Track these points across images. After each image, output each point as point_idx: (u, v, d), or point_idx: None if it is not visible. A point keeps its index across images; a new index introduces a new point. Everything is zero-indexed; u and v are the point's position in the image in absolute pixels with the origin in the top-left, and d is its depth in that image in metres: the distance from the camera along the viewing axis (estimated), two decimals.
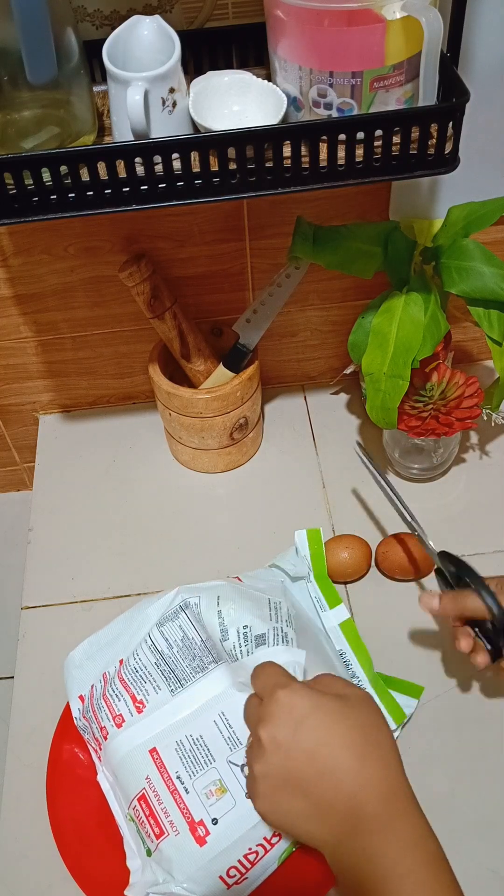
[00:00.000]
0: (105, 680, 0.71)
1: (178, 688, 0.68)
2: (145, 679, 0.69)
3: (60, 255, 0.87)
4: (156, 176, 0.61)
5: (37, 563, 0.91)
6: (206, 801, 0.63)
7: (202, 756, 0.65)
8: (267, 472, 0.98)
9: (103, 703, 0.69)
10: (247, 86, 0.65)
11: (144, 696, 0.69)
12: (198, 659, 0.69)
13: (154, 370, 0.89)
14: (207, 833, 0.62)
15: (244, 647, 0.71)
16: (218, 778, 0.64)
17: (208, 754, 0.65)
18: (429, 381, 0.81)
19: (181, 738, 0.66)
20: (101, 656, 0.73)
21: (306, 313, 0.98)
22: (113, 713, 0.69)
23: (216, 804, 0.62)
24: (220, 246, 0.88)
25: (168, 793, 0.64)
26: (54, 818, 0.69)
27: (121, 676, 0.70)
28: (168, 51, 0.60)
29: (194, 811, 0.63)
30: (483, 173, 0.79)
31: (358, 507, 0.93)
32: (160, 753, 0.65)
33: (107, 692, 0.70)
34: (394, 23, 0.57)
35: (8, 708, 0.79)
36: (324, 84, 0.61)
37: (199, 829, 0.62)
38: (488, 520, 0.90)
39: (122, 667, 0.71)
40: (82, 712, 0.71)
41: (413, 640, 0.81)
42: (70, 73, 0.62)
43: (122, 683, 0.70)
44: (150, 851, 0.63)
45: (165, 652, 0.70)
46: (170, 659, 0.70)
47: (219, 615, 0.72)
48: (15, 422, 1.09)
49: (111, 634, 0.74)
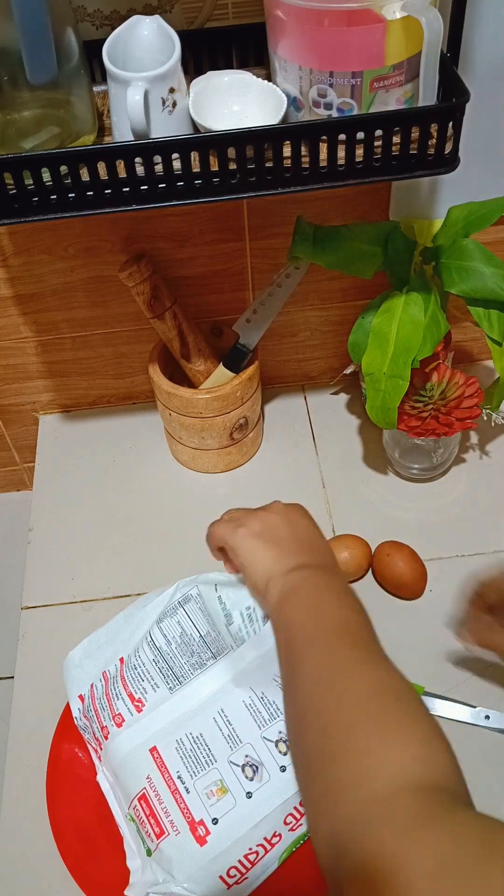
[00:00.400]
0: (106, 679, 0.71)
1: (177, 685, 0.68)
2: (143, 677, 0.69)
3: (60, 255, 0.87)
4: (156, 176, 0.61)
5: (37, 563, 0.91)
6: (206, 801, 0.63)
7: (203, 756, 0.65)
8: (267, 472, 0.98)
9: (106, 703, 0.69)
10: (247, 86, 0.65)
11: (143, 694, 0.69)
12: (196, 655, 0.69)
13: (154, 370, 0.89)
14: (208, 833, 0.62)
15: (251, 627, 0.70)
16: (219, 778, 0.64)
17: (209, 754, 0.65)
18: (429, 381, 0.81)
19: (181, 736, 0.66)
20: (101, 654, 0.73)
21: (306, 313, 0.98)
22: (113, 712, 0.68)
23: (217, 804, 0.63)
24: (220, 246, 0.88)
25: (169, 792, 0.64)
26: (54, 818, 0.69)
27: (122, 675, 0.70)
28: (168, 51, 0.60)
29: (195, 811, 0.63)
30: (483, 173, 0.79)
31: (358, 507, 0.93)
32: (160, 753, 0.65)
33: (109, 691, 0.70)
34: (394, 23, 0.57)
35: (8, 708, 0.79)
36: (324, 84, 0.61)
37: (199, 828, 0.62)
38: (488, 520, 0.90)
39: (124, 665, 0.71)
40: (82, 712, 0.71)
41: (413, 639, 0.81)
42: (70, 73, 0.62)
43: (122, 682, 0.70)
44: (151, 851, 0.63)
45: (164, 649, 0.70)
46: (168, 656, 0.70)
47: (220, 601, 0.72)
48: (15, 422, 1.09)
49: (110, 632, 0.74)
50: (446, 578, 0.85)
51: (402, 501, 0.93)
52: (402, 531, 0.87)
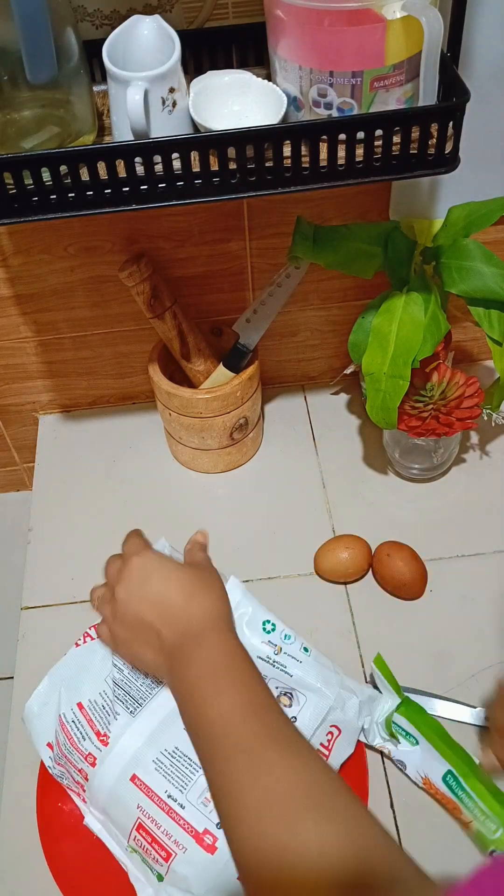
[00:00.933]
0: (62, 724, 0.70)
1: (137, 707, 0.68)
2: (105, 710, 0.69)
3: (60, 254, 0.87)
4: (156, 176, 0.61)
5: (37, 563, 0.91)
6: (204, 808, 0.63)
7: (185, 767, 0.64)
8: (267, 473, 0.98)
9: (71, 747, 0.68)
10: (247, 85, 0.65)
11: (105, 727, 0.68)
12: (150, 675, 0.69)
13: (154, 370, 0.89)
14: (215, 839, 0.61)
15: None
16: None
17: (191, 763, 0.64)
18: (429, 381, 0.81)
19: (157, 756, 0.65)
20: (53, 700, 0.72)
21: (306, 313, 0.98)
22: (83, 754, 0.67)
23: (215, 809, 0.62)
24: (220, 246, 0.88)
25: (164, 814, 0.63)
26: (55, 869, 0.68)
27: (87, 717, 0.69)
28: (168, 50, 0.60)
29: (195, 823, 0.62)
30: (483, 173, 0.79)
31: (358, 507, 0.93)
32: (142, 779, 0.65)
33: (72, 734, 0.69)
34: (394, 22, 0.57)
35: (8, 708, 0.78)
36: (324, 84, 0.61)
37: (205, 838, 0.62)
38: (488, 520, 0.90)
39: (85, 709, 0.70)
40: (55, 759, 0.70)
41: (413, 639, 0.81)
42: (70, 72, 0.62)
43: (88, 722, 0.69)
44: (162, 876, 0.62)
45: (118, 677, 0.70)
46: (123, 683, 0.69)
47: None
48: (15, 422, 1.09)
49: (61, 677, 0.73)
50: (446, 578, 0.85)
51: (402, 501, 0.93)
52: (402, 531, 0.87)
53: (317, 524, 0.91)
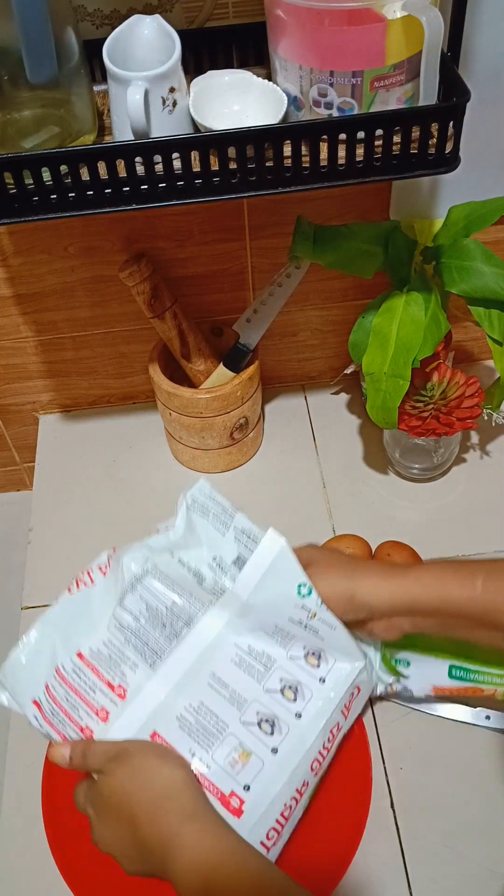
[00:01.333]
0: (61, 675, 0.64)
1: (157, 659, 0.63)
2: (119, 661, 0.64)
3: (60, 254, 0.87)
4: (156, 175, 0.61)
5: (37, 563, 0.91)
6: (231, 770, 0.59)
7: (212, 724, 0.61)
8: (267, 472, 0.98)
9: (78, 700, 0.63)
10: (247, 85, 0.65)
11: (122, 679, 0.63)
12: (168, 626, 0.64)
13: (154, 370, 0.89)
14: (242, 802, 0.58)
15: (227, 575, 0.67)
16: (238, 743, 0.60)
17: (218, 721, 0.61)
18: (429, 381, 0.81)
19: (180, 711, 0.61)
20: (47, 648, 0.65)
21: (306, 313, 0.98)
22: (94, 708, 0.62)
23: (243, 770, 0.59)
24: (220, 246, 0.88)
25: None
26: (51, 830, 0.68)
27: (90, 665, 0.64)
28: (168, 50, 0.60)
29: (222, 785, 0.59)
30: (483, 173, 0.79)
31: (358, 507, 0.93)
32: (163, 736, 0.60)
33: (76, 687, 0.63)
34: (394, 22, 0.57)
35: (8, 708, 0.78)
36: (324, 83, 0.61)
37: (232, 800, 0.58)
38: (489, 520, 0.90)
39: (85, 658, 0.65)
40: (45, 717, 0.63)
41: None
42: (70, 72, 0.62)
43: (94, 672, 0.64)
44: None
45: (132, 626, 0.65)
46: (139, 632, 0.64)
47: (181, 564, 0.67)
48: (15, 422, 1.09)
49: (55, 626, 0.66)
50: None
51: (403, 501, 0.93)
52: (402, 531, 0.87)
53: (317, 524, 0.91)
